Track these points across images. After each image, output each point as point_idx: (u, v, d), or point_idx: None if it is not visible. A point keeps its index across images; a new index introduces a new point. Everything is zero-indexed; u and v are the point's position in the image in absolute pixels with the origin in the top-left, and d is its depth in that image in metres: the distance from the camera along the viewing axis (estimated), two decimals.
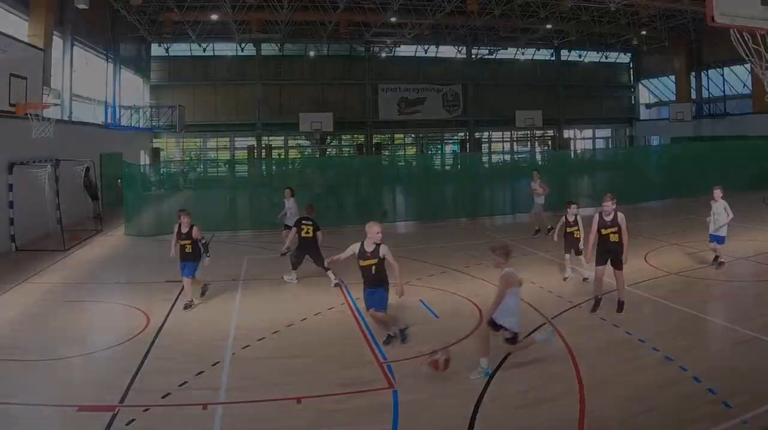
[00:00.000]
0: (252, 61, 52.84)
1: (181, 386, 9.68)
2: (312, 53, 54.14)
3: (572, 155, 48.88)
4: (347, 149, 58.33)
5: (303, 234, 16.39)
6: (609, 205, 13.14)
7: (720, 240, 16.51)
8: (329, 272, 15.93)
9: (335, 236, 24.82)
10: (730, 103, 51.22)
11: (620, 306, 13.06)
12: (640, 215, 26.95)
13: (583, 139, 64.53)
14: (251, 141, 53.84)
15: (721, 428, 7.89)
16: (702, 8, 12.52)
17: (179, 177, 38.25)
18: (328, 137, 55.92)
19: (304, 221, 16.51)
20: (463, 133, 59.22)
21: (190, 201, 29.19)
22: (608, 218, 13.14)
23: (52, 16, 27.05)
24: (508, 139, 62.07)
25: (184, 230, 14.21)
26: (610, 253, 13.14)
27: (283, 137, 55.38)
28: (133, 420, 8.53)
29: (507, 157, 53.45)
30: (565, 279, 16.20)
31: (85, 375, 10.52)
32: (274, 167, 35.65)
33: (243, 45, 51.34)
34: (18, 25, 25.82)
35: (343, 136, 57.85)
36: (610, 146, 63.87)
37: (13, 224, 21.93)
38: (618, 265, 13.10)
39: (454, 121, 57.78)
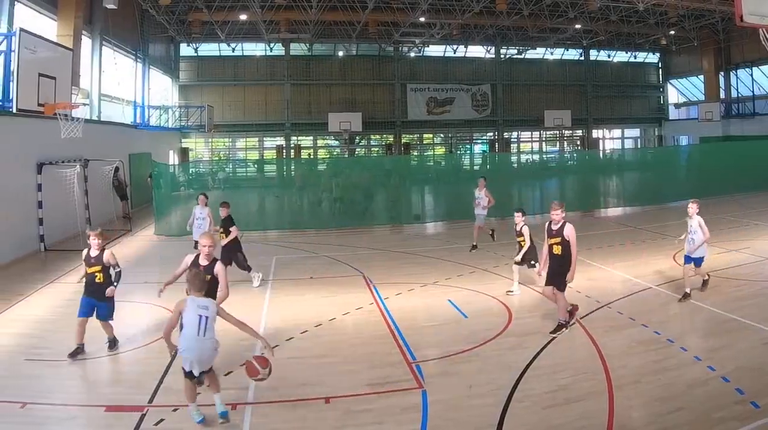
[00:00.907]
0: (281, 61, 52.83)
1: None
2: (341, 53, 54.18)
3: (601, 155, 48.58)
4: (376, 149, 58.33)
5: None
6: (556, 213, 12.14)
7: (698, 261, 14.28)
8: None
9: (364, 234, 24.98)
10: (759, 102, 50.55)
11: (556, 328, 11.97)
12: (669, 214, 26.75)
13: (612, 139, 64.02)
14: (280, 141, 53.98)
15: (749, 428, 7.88)
16: (731, 8, 12.48)
17: (208, 177, 38.50)
18: (357, 137, 55.95)
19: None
20: (492, 133, 58.93)
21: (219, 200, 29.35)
22: (554, 228, 12.15)
23: (80, 16, 27.18)
24: (537, 139, 61.82)
25: (93, 253, 11.37)
26: (551, 269, 12.23)
27: (311, 137, 55.52)
28: (162, 420, 8.61)
29: (536, 157, 53.23)
30: (507, 292, 15.12)
31: (114, 375, 10.63)
32: (303, 167, 35.71)
33: (272, 45, 51.45)
34: (47, 25, 26.10)
35: (372, 136, 57.82)
36: (639, 146, 63.47)
37: (42, 223, 21.99)
38: (555, 283, 12.06)
39: (483, 121, 57.51)
